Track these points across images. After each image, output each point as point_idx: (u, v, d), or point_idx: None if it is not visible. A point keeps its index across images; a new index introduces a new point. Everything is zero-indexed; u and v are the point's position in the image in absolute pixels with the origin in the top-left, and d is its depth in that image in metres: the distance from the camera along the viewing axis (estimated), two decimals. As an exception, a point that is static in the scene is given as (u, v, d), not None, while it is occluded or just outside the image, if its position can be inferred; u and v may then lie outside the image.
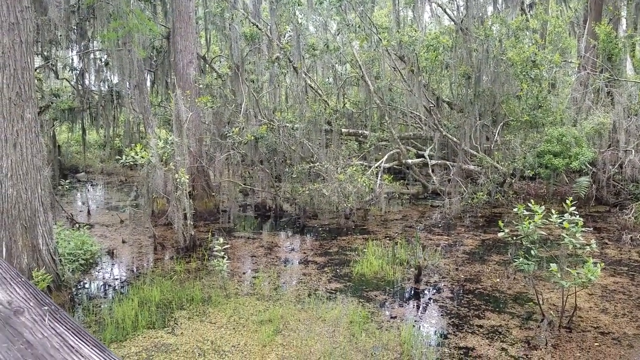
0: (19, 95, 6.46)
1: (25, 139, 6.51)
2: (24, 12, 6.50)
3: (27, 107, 6.51)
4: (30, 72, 6.62)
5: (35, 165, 6.63)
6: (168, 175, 10.23)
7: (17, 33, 6.45)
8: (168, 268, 9.38)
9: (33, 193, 6.61)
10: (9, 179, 6.48)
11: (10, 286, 0.96)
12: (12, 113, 6.43)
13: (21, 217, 6.56)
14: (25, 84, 6.50)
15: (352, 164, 12.67)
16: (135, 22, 10.05)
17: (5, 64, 6.43)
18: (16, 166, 6.48)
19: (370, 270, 8.97)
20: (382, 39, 13.62)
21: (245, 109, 13.00)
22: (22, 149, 6.49)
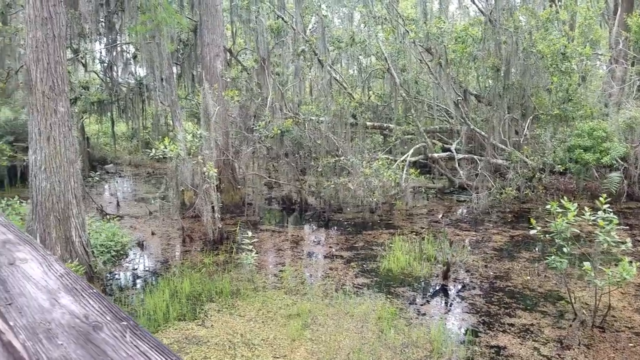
0: (52, 89, 6.55)
1: (59, 132, 6.61)
2: (56, 7, 6.57)
3: (60, 100, 6.61)
4: (63, 66, 6.71)
5: (69, 158, 6.73)
6: (196, 168, 10.30)
7: (50, 27, 6.53)
8: (197, 260, 9.47)
9: (66, 185, 6.72)
10: (42, 172, 6.60)
11: (83, 298, 0.94)
12: (45, 107, 6.53)
13: (54, 210, 6.68)
14: (59, 77, 6.59)
15: (378, 158, 12.58)
16: (164, 15, 10.10)
17: (38, 58, 6.53)
18: (50, 159, 6.58)
19: (397, 266, 8.92)
20: (409, 31, 13.44)
21: (271, 103, 12.99)
22: (55, 142, 6.59)
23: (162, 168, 18.76)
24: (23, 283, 1.06)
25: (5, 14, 14.02)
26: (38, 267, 1.15)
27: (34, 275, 1.11)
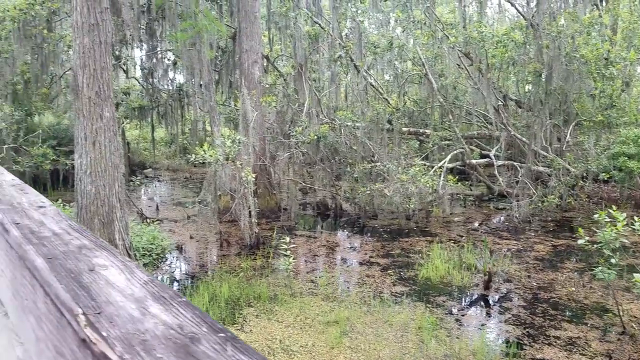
0: (99, 94, 6.71)
1: (104, 137, 6.75)
2: (103, 14, 6.74)
3: (105, 106, 6.75)
4: (109, 72, 6.87)
5: (113, 162, 6.87)
6: (234, 173, 10.39)
7: (96, 34, 6.69)
8: (234, 264, 9.52)
9: (111, 190, 6.86)
10: (88, 176, 6.75)
11: (173, 307, 0.91)
12: (91, 112, 6.68)
13: (99, 213, 6.82)
14: (104, 83, 6.74)
15: (415, 164, 12.43)
16: (205, 22, 10.24)
17: (85, 64, 6.69)
18: (95, 163, 6.73)
19: (436, 275, 8.76)
20: (448, 35, 13.28)
21: (308, 108, 13.02)
22: (100, 147, 6.73)
23: (198, 173, 19.01)
24: (108, 290, 1.04)
25: (51, 21, 14.47)
26: (119, 274, 1.13)
27: (117, 282, 1.09)
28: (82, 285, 1.06)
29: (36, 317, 1.22)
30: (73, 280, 1.08)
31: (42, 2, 13.35)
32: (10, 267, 1.43)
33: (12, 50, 13.91)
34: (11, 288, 1.47)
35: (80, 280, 1.08)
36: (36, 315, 1.22)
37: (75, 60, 6.68)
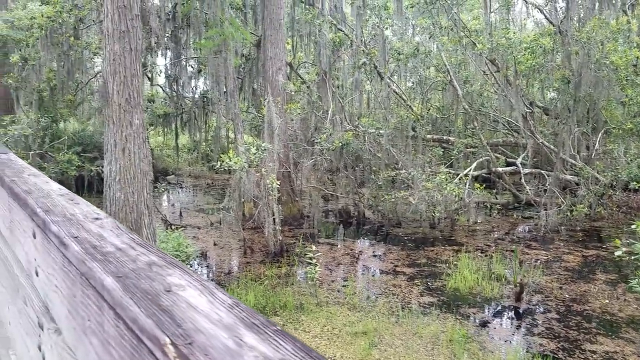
0: (128, 101, 6.72)
1: (134, 144, 6.75)
2: (134, 20, 6.76)
3: (135, 113, 6.76)
4: (139, 79, 6.88)
5: (142, 169, 6.86)
6: (258, 180, 10.36)
7: (127, 41, 6.71)
8: (259, 272, 9.45)
9: (139, 197, 6.85)
10: (117, 183, 6.75)
11: (269, 336, 0.81)
12: (121, 119, 6.69)
13: (127, 220, 6.81)
14: (134, 90, 6.75)
15: (440, 172, 12.26)
16: (231, 30, 10.25)
17: (115, 71, 6.71)
18: (124, 170, 6.73)
19: (464, 285, 8.57)
20: (475, 42, 13.11)
21: (331, 115, 12.95)
22: (130, 154, 6.73)
23: (220, 179, 19.05)
24: (192, 315, 0.96)
25: (77, 28, 14.64)
26: (200, 295, 1.05)
27: (199, 305, 1.00)
28: (163, 309, 0.97)
29: (101, 340, 1.15)
30: (151, 302, 1.00)
31: (70, 9, 13.52)
32: (67, 283, 1.36)
33: (39, 58, 14.09)
34: (67, 306, 1.40)
35: (158, 302, 1.00)
36: (102, 339, 1.14)
37: (106, 67, 6.71)
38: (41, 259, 1.64)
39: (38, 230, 1.63)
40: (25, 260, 1.90)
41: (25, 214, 1.82)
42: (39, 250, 1.65)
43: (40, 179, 2.17)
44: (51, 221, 1.50)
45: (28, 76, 14.38)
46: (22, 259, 1.96)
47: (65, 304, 1.42)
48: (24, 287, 1.99)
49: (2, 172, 2.34)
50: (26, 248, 1.87)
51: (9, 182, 2.11)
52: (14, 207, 2.02)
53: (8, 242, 2.25)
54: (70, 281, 1.34)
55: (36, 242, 1.68)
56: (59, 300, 1.48)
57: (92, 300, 1.20)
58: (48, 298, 1.62)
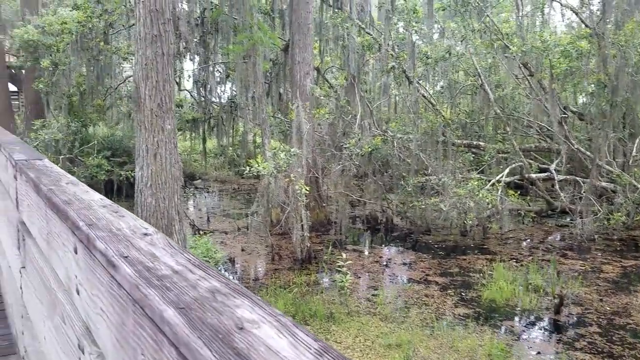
0: (160, 106, 6.66)
1: (165, 149, 6.69)
2: (166, 25, 6.70)
3: (167, 118, 6.70)
4: (171, 84, 6.82)
5: (173, 175, 6.79)
6: (287, 186, 10.23)
7: (159, 45, 6.65)
8: (287, 279, 9.30)
9: (170, 202, 6.77)
10: (148, 188, 6.69)
11: None
12: (153, 124, 6.63)
13: (158, 226, 6.73)
14: (166, 95, 6.68)
15: (472, 178, 11.96)
16: (260, 34, 10.19)
17: (147, 76, 6.66)
18: (155, 176, 6.67)
19: (501, 296, 8.27)
20: (509, 45, 12.79)
21: (360, 120, 12.77)
22: (161, 159, 6.67)
23: (246, 184, 19.01)
24: (276, 364, 0.79)
25: (107, 33, 14.77)
26: (279, 335, 0.87)
27: (281, 350, 0.83)
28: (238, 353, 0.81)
29: (159, 379, 0.99)
30: (223, 344, 0.84)
31: (100, 14, 13.64)
32: (116, 309, 1.21)
33: (69, 63, 14.24)
34: (115, 333, 1.24)
35: (232, 344, 0.83)
36: (159, 378, 0.99)
37: (138, 72, 6.66)
38: (83, 277, 1.50)
39: (80, 246, 1.49)
40: (64, 276, 1.77)
41: (65, 226, 1.68)
42: (81, 268, 1.51)
43: (79, 188, 2.04)
44: (96, 237, 1.36)
45: (58, 81, 14.53)
46: (61, 273, 1.83)
47: (112, 330, 1.27)
48: (62, 304, 1.86)
49: (38, 179, 2.22)
50: (65, 263, 1.73)
51: (47, 191, 1.98)
52: (52, 218, 1.89)
53: (45, 253, 2.12)
54: (119, 307, 1.19)
55: (78, 258, 1.54)
56: (105, 325, 1.33)
57: (147, 333, 1.04)
58: (90, 320, 1.48)
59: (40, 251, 2.27)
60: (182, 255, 1.26)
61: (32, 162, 2.78)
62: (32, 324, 2.66)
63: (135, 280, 1.09)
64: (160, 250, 1.29)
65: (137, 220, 1.58)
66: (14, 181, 2.94)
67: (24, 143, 4.22)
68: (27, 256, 2.65)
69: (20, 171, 2.65)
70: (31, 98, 16.90)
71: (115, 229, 1.46)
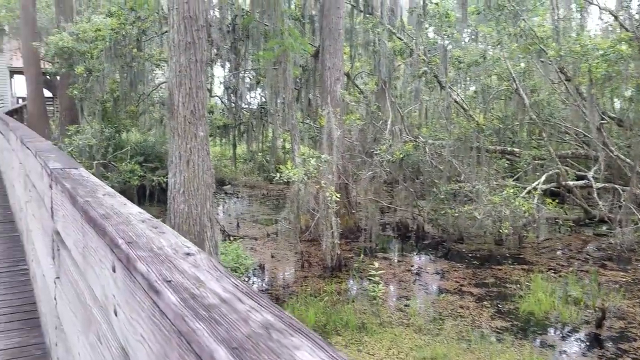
0: (193, 113, 6.64)
1: (198, 156, 6.67)
2: (199, 32, 6.69)
3: (200, 125, 6.68)
4: (204, 91, 6.80)
5: (205, 181, 6.77)
6: (317, 192, 10.14)
7: (193, 52, 6.65)
8: (317, 287, 9.19)
9: (202, 209, 6.74)
10: (181, 195, 6.67)
11: None
12: (186, 131, 6.62)
13: (190, 232, 6.71)
14: (199, 102, 6.67)
15: (507, 185, 11.64)
16: (291, 40, 10.14)
17: (181, 83, 6.65)
18: (188, 182, 6.65)
19: (539, 309, 7.98)
20: (545, 49, 12.45)
21: (391, 126, 12.60)
22: (194, 166, 6.65)
23: (275, 190, 19.01)
24: None
25: (140, 40, 14.95)
26: None
27: None
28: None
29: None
30: (285, 396, 0.73)
31: (133, 22, 13.82)
32: (158, 338, 1.11)
33: (102, 69, 14.44)
34: (156, 364, 1.15)
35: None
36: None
37: (171, 79, 6.67)
38: (122, 299, 1.40)
39: (119, 265, 1.40)
40: (101, 294, 1.68)
41: (102, 242, 1.60)
42: (120, 288, 1.42)
43: (116, 200, 1.96)
44: (137, 257, 1.26)
45: (92, 87, 14.73)
46: (97, 290, 1.75)
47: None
48: (97, 322, 1.77)
49: (74, 190, 2.14)
50: (102, 280, 1.65)
51: (83, 203, 1.90)
52: (88, 231, 1.81)
53: (80, 267, 2.05)
54: (162, 337, 1.09)
55: (116, 277, 1.45)
56: (145, 352, 1.23)
57: (193, 371, 0.94)
58: (129, 344, 1.38)
59: (76, 264, 2.20)
60: (229, 280, 1.15)
61: (68, 171, 2.72)
62: (66, 336, 2.60)
63: (181, 311, 0.99)
64: (205, 273, 1.19)
65: (178, 238, 1.48)
66: (49, 190, 2.90)
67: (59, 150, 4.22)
68: (62, 267, 2.60)
69: (56, 180, 2.60)
70: (65, 104, 17.22)
71: (156, 247, 1.36)
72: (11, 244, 5.76)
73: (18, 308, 4.16)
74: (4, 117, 9.09)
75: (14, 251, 5.50)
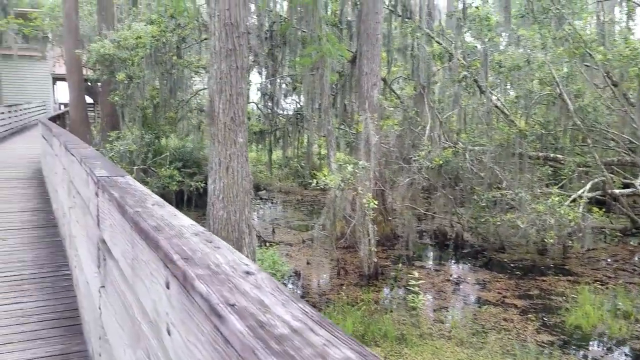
0: (234, 120, 6.63)
1: (237, 162, 6.65)
2: (240, 38, 6.69)
3: (239, 131, 6.66)
4: (244, 98, 6.79)
5: (244, 188, 6.74)
6: (354, 199, 10.01)
7: (233, 59, 6.64)
8: (354, 296, 9.05)
9: (241, 215, 6.72)
10: (220, 201, 6.66)
11: None
12: (226, 137, 6.61)
13: (229, 239, 6.69)
14: (240, 109, 6.65)
15: (552, 192, 11.25)
16: (329, 46, 10.07)
17: (222, 89, 6.66)
18: (227, 189, 6.63)
19: (587, 323, 7.64)
20: (591, 53, 12.03)
21: (429, 132, 12.38)
22: (233, 172, 6.63)
23: (309, 195, 18.96)
24: None
25: (180, 47, 15.16)
26: None
27: None
28: None
29: None
30: None
31: (173, 29, 14.02)
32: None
33: (143, 76, 14.68)
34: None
35: None
36: None
37: (212, 86, 6.68)
38: (177, 318, 1.32)
39: (174, 282, 1.32)
40: (152, 308, 1.61)
41: (154, 256, 1.53)
42: (174, 307, 1.33)
43: (166, 211, 1.89)
44: (195, 276, 1.17)
45: (133, 94, 14.97)
46: (147, 305, 1.67)
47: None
48: (147, 338, 1.70)
49: (123, 200, 2.09)
50: (153, 295, 1.57)
51: (133, 214, 1.84)
52: (138, 243, 1.74)
53: (128, 279, 1.98)
54: (226, 368, 1.00)
55: (170, 294, 1.37)
56: (203, 379, 1.14)
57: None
58: (185, 368, 1.30)
59: (123, 275, 2.13)
60: (296, 304, 1.05)
61: (115, 179, 2.69)
62: (111, 348, 2.54)
63: (250, 342, 0.89)
64: (269, 296, 1.09)
65: (234, 254, 1.39)
66: (95, 198, 2.86)
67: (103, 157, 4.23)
68: (108, 277, 2.55)
69: (103, 189, 2.55)
70: (107, 110, 17.59)
71: (214, 264, 1.27)
72: (54, 249, 5.82)
73: (61, 314, 4.15)
74: (48, 123, 9.29)
75: (57, 256, 5.56)
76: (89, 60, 15.41)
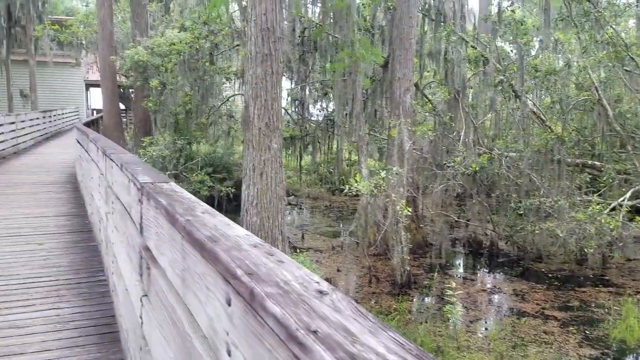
0: (268, 125, 6.57)
1: (271, 168, 6.58)
2: (276, 43, 6.63)
3: (274, 137, 6.60)
4: (279, 103, 6.73)
5: (278, 194, 6.66)
6: (386, 205, 9.85)
7: (269, 64, 6.59)
8: (387, 305, 8.87)
9: (274, 222, 6.64)
10: (253, 207, 6.60)
11: None
12: (260, 143, 6.55)
13: (262, 245, 6.61)
14: (274, 114, 6.59)
15: (591, 200, 10.87)
16: (362, 51, 9.97)
17: (257, 95, 6.60)
18: (261, 195, 6.57)
19: (631, 337, 7.31)
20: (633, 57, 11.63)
21: (464, 137, 12.13)
22: (267, 178, 6.57)
23: (338, 201, 18.85)
24: None
25: (213, 54, 15.25)
26: None
27: None
28: None
29: None
30: None
31: (206, 36, 14.11)
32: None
33: (176, 82, 14.80)
34: None
35: None
36: None
37: (248, 91, 6.64)
38: (240, 338, 1.20)
39: (238, 300, 1.20)
40: (207, 325, 1.50)
41: (212, 269, 1.42)
42: (237, 326, 1.22)
43: (218, 220, 1.79)
44: (265, 295, 1.06)
45: (166, 100, 15.11)
46: (202, 321, 1.57)
47: None
48: (200, 356, 1.59)
49: (172, 208, 1.99)
50: (209, 310, 1.47)
51: (184, 223, 1.74)
52: (191, 254, 1.64)
53: (178, 291, 1.88)
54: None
55: (232, 312, 1.26)
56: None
57: None
58: (251, 398, 1.18)
59: (171, 286, 2.04)
60: (385, 333, 0.92)
61: (159, 185, 2.61)
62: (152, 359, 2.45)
63: (344, 380, 0.78)
64: (353, 322, 0.97)
65: (301, 269, 1.28)
66: (138, 204, 2.78)
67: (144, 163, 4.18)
68: (152, 287, 2.46)
69: (148, 195, 2.47)
70: (140, 116, 17.80)
71: (282, 281, 1.16)
72: (89, 254, 5.79)
73: (97, 321, 4.08)
74: (83, 129, 9.40)
75: (92, 262, 5.52)
76: (122, 67, 15.61)
